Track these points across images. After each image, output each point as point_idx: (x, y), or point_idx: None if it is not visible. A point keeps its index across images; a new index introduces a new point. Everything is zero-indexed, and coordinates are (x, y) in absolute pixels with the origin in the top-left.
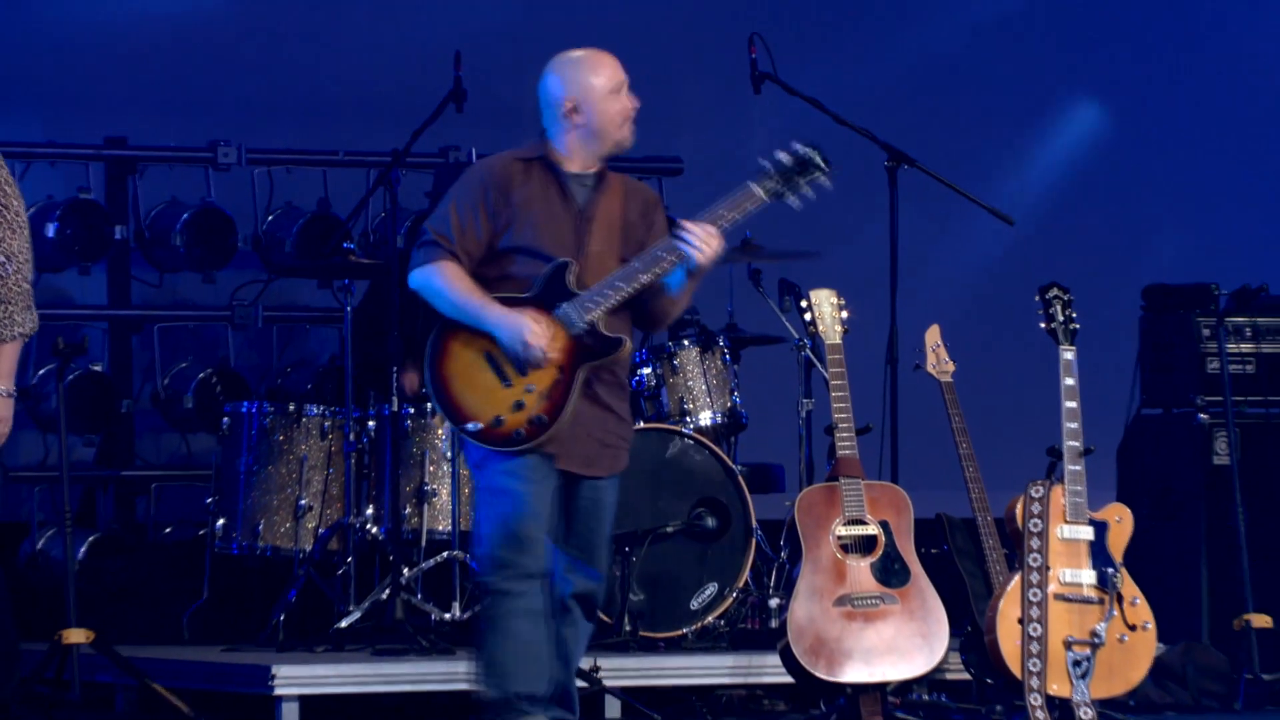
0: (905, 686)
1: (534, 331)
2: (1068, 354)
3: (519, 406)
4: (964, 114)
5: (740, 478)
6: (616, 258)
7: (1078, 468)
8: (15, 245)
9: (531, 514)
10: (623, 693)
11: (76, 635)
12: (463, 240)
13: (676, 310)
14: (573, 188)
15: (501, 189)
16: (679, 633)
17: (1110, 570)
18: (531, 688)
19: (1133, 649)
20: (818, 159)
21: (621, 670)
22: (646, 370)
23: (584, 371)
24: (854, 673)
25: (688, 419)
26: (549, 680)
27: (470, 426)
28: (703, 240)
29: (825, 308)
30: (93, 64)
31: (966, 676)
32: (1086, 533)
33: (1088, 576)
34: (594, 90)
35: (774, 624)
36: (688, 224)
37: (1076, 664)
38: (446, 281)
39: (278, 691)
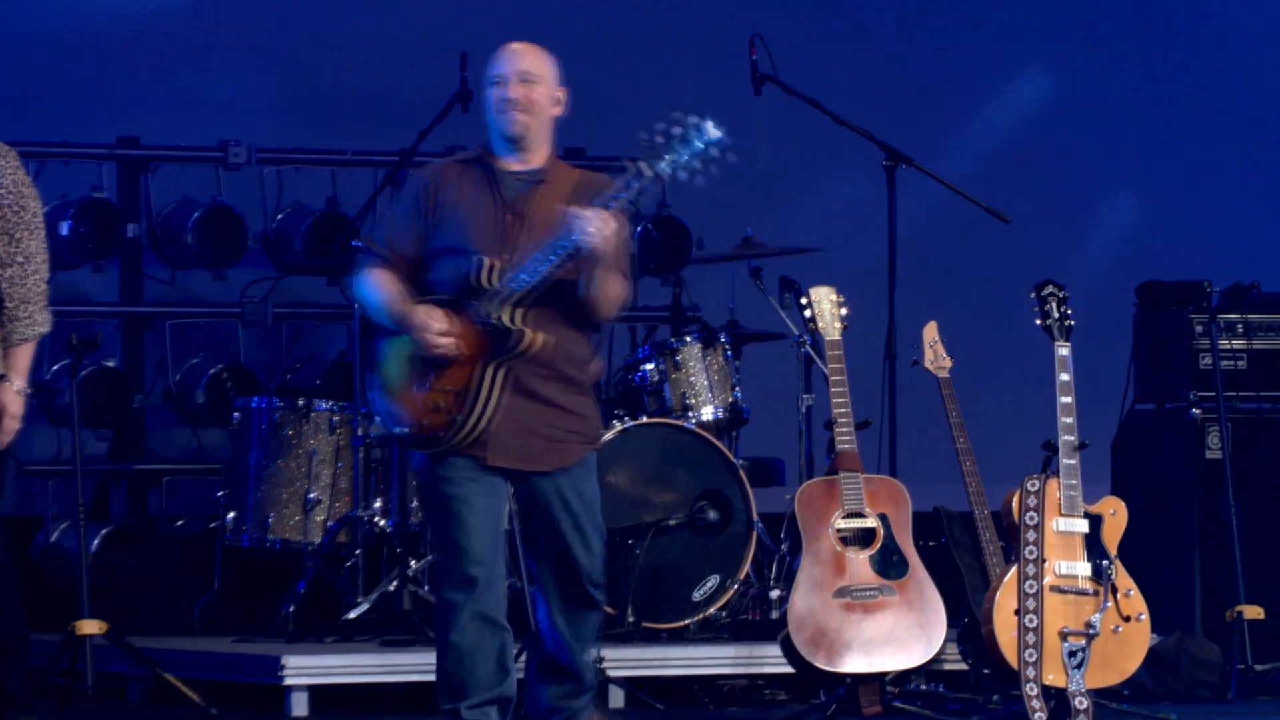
0: (904, 676)
1: (433, 329)
2: (1063, 350)
3: (437, 408)
4: (960, 112)
5: (741, 471)
6: None
7: (1073, 462)
8: (33, 245)
9: (459, 519)
10: (626, 682)
11: (90, 626)
12: (392, 245)
13: (604, 301)
14: (506, 185)
15: (431, 191)
16: (681, 624)
17: (1105, 562)
18: (471, 697)
19: (1127, 640)
20: (707, 129)
21: (625, 660)
22: (649, 366)
23: (501, 368)
24: (853, 663)
25: (690, 414)
26: (489, 688)
27: (398, 431)
28: (593, 224)
29: (825, 305)
30: (105, 64)
31: (964, 667)
32: (1082, 525)
33: (1083, 568)
34: (485, 83)
35: (775, 615)
36: (577, 209)
37: (1072, 654)
38: (371, 287)
39: (287, 681)
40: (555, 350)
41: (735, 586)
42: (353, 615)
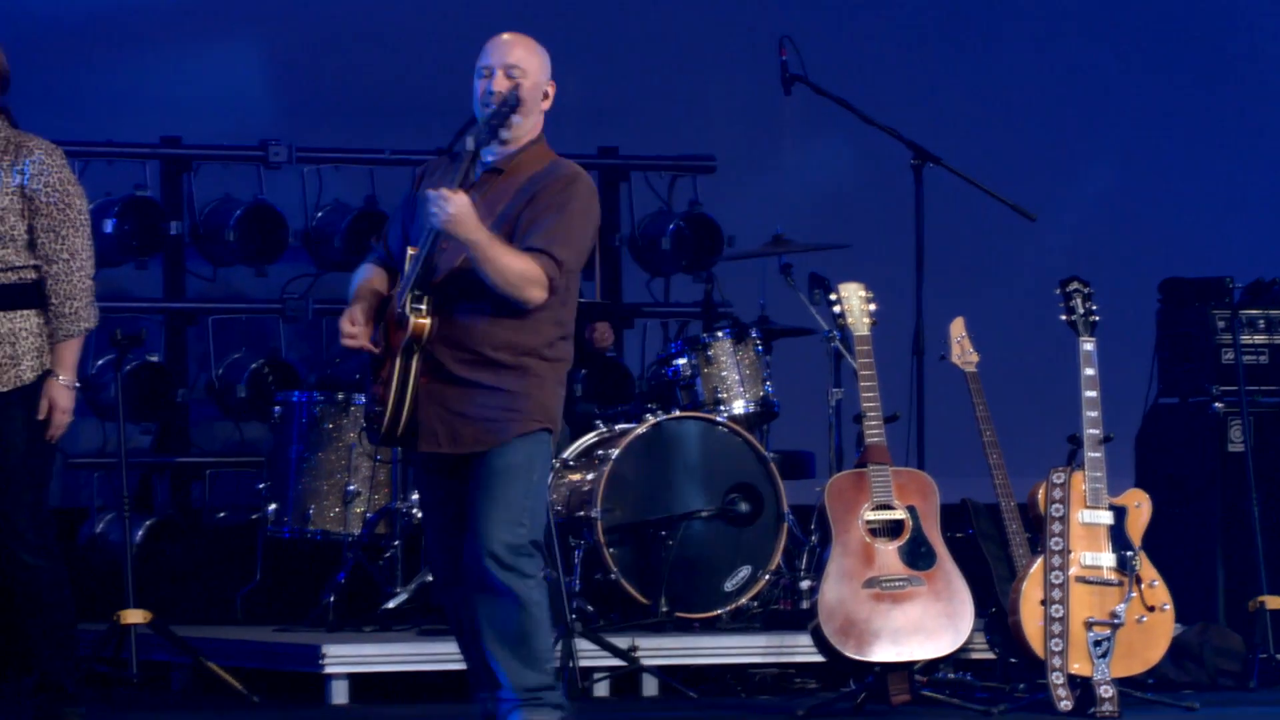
0: (932, 665)
1: (343, 325)
2: (1087, 345)
3: (375, 399)
4: (986, 113)
5: (772, 464)
6: None
7: (1097, 455)
8: (79, 243)
9: (427, 523)
10: (660, 671)
11: (134, 616)
12: (384, 241)
13: (496, 280)
14: (470, 176)
15: (416, 185)
16: (714, 614)
17: (1129, 554)
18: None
19: (1151, 629)
20: (510, 100)
21: (659, 650)
22: (682, 361)
23: (411, 356)
24: (882, 652)
25: (722, 408)
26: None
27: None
28: (435, 205)
29: (854, 301)
30: (149, 64)
31: (991, 656)
32: (1106, 517)
33: (1108, 559)
34: (475, 74)
35: (805, 605)
36: (433, 190)
37: (1097, 644)
38: (351, 283)
39: (327, 670)
40: (468, 333)
41: (766, 577)
42: (391, 605)
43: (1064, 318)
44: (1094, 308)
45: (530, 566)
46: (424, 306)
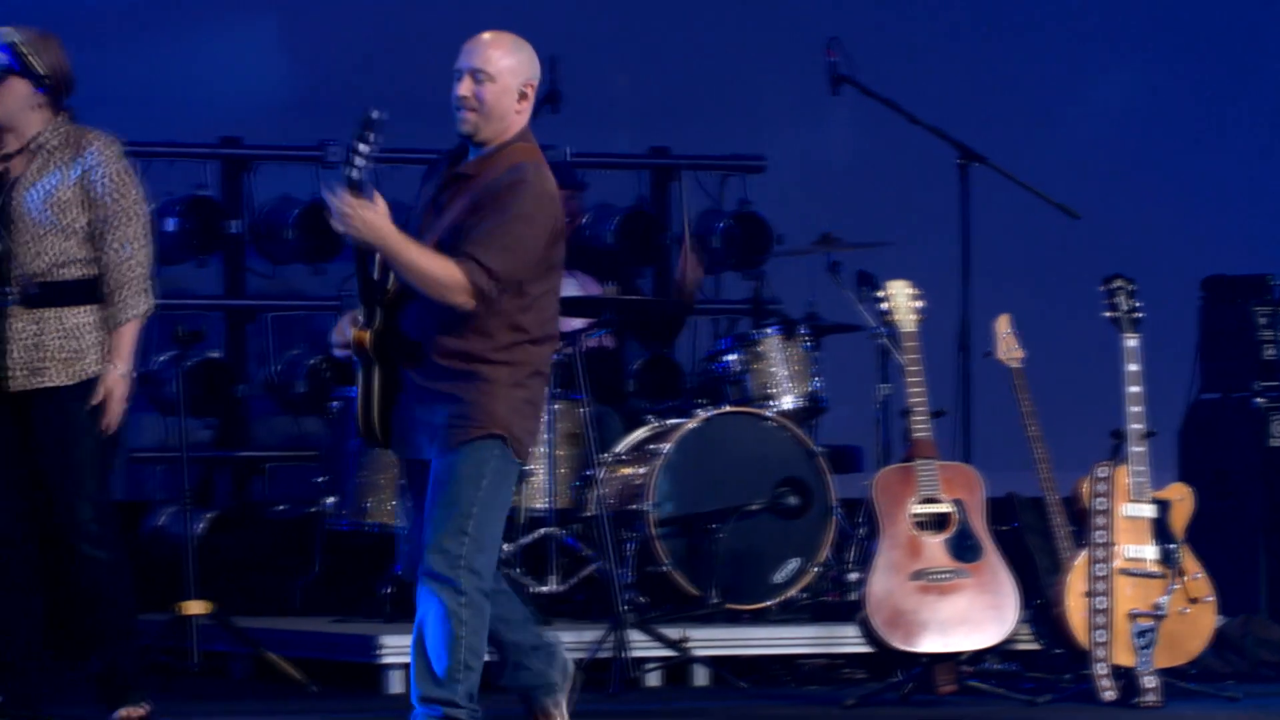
0: (978, 656)
1: (333, 331)
2: (1131, 341)
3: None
4: (1030, 111)
5: (820, 458)
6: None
7: (1141, 449)
8: (131, 231)
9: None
10: (711, 661)
11: (195, 607)
12: None
13: (416, 285)
14: (442, 179)
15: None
16: (763, 605)
17: (1172, 547)
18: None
19: (1194, 621)
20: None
21: (709, 641)
22: (731, 356)
23: (372, 365)
24: (929, 643)
25: (770, 403)
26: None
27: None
28: (334, 215)
29: (900, 298)
30: (207, 62)
31: (1036, 647)
32: (1150, 511)
33: (1151, 552)
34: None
35: (853, 597)
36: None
37: (1140, 635)
38: None
39: (384, 660)
40: (422, 341)
41: (815, 569)
42: None
43: (1107, 314)
44: (1137, 304)
45: (467, 581)
46: (367, 318)
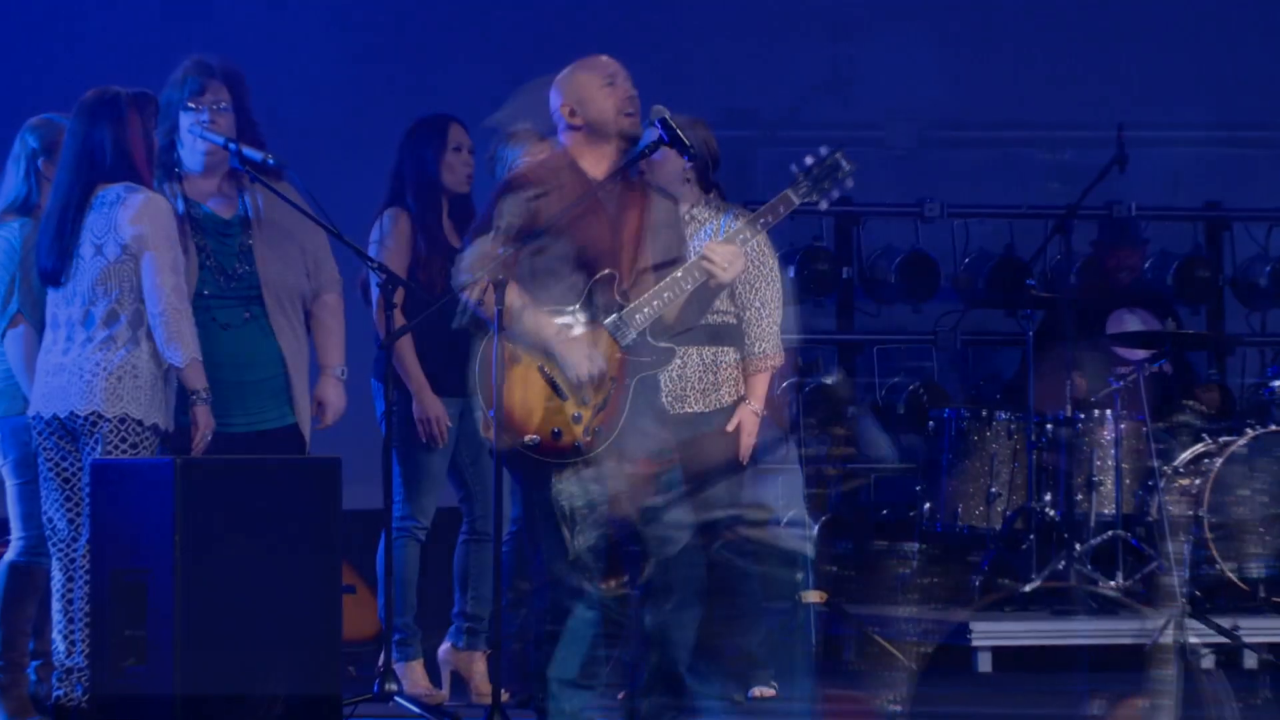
0: None
1: (593, 357)
2: None
3: (577, 419)
4: None
5: None
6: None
7: None
8: (769, 293)
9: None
10: (1262, 648)
11: (813, 596)
12: None
13: (694, 320)
14: (602, 194)
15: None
16: None
17: None
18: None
19: None
20: (842, 162)
21: (1258, 628)
22: (1277, 383)
23: (635, 381)
24: None
25: None
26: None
27: (529, 440)
28: (724, 262)
29: None
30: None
31: None
32: None
33: None
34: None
35: None
36: (713, 245)
37: None
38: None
39: (974, 643)
40: None
41: None
42: (1027, 589)
43: None
44: None
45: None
46: None
